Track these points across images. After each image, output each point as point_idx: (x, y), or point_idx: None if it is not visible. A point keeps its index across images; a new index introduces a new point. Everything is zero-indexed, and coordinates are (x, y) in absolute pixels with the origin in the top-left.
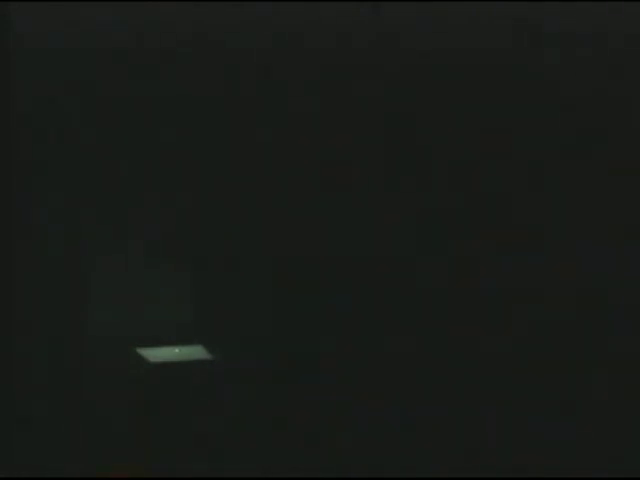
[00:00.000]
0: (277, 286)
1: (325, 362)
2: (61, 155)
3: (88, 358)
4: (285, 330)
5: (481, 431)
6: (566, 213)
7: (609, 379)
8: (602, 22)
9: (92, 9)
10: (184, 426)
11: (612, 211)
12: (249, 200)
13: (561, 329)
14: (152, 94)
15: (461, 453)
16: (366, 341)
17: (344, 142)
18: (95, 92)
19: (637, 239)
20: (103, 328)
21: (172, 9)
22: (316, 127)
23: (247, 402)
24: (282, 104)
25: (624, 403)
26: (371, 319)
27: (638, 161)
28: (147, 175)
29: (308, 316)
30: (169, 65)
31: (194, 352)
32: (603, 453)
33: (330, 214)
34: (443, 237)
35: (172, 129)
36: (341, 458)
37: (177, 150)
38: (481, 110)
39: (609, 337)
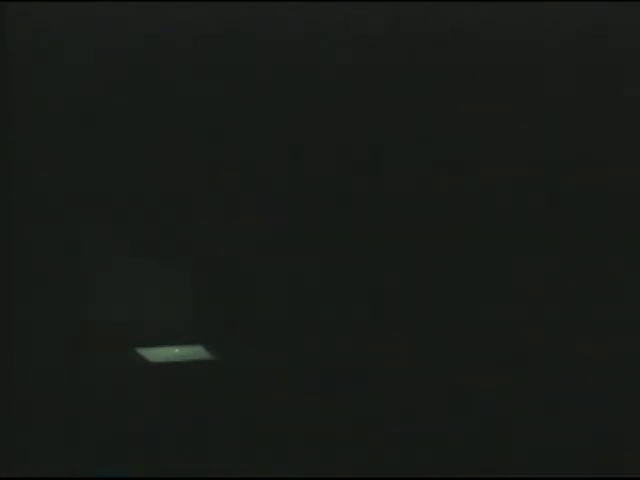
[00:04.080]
0: (277, 286)
1: (325, 362)
2: (61, 154)
3: (88, 358)
4: (285, 330)
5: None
6: None
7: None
8: None
9: (92, 9)
10: (184, 426)
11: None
12: (249, 199)
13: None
14: (151, 93)
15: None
16: (365, 341)
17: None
18: (95, 91)
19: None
20: (103, 328)
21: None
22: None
23: (247, 402)
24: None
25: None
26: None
27: None
28: (147, 174)
29: (308, 316)
30: (168, 65)
31: (194, 352)
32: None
33: (331, 215)
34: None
35: (171, 128)
36: (341, 458)
37: (176, 150)
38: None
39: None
